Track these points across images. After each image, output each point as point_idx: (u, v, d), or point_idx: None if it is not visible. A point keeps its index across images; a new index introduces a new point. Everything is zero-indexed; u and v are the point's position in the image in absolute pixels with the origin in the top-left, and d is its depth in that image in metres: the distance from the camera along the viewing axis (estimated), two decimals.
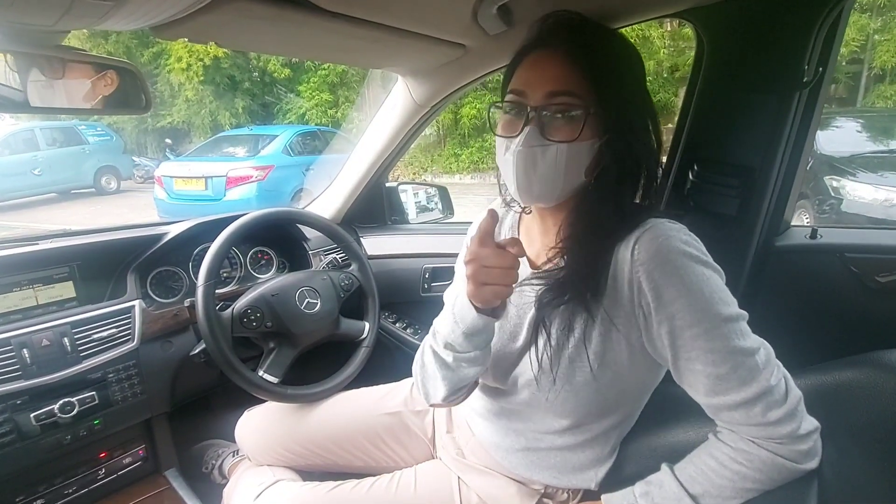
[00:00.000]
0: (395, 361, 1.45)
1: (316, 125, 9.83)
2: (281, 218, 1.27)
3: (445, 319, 0.70)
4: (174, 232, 1.21)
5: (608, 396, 0.69)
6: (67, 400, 0.97)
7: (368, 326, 1.27)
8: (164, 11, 0.65)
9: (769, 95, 0.89)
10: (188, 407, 1.27)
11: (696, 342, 0.59)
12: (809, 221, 4.08)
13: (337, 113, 11.05)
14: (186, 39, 0.78)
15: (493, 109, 0.72)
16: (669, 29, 8.95)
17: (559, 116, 0.64)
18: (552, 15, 0.68)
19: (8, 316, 0.99)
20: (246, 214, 1.17)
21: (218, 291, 1.18)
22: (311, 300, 1.18)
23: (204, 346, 1.06)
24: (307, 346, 1.17)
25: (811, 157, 4.21)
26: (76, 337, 1.01)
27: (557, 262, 0.70)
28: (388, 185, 1.62)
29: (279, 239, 1.44)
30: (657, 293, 0.60)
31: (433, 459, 0.95)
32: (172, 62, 10.80)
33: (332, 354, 1.27)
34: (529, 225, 0.81)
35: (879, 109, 7.78)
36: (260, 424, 1.09)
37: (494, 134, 0.71)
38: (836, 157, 4.21)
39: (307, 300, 1.18)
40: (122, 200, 9.00)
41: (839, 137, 4.52)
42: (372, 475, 0.90)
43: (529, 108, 0.65)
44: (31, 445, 0.95)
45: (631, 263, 0.62)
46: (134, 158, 10.76)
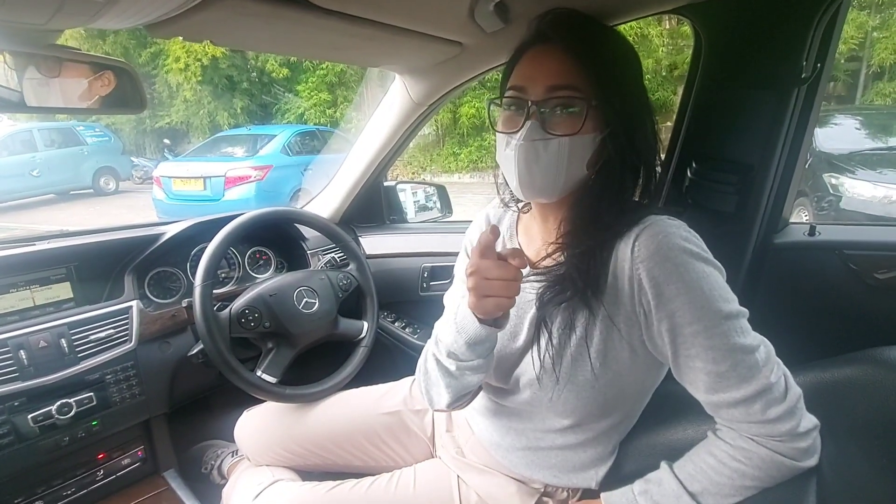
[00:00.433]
0: (393, 361, 1.45)
1: (314, 125, 9.82)
2: (279, 217, 1.27)
3: (447, 328, 0.70)
4: (172, 232, 1.21)
5: (609, 396, 0.69)
6: (65, 401, 0.97)
7: (367, 326, 1.27)
8: (157, 9, 0.64)
9: (767, 92, 0.88)
10: (187, 407, 1.27)
11: (696, 339, 0.59)
12: (809, 219, 4.08)
13: (335, 112, 11.04)
14: (182, 38, 0.78)
15: (492, 107, 0.72)
16: (668, 27, 8.95)
17: (560, 110, 0.64)
18: (551, 11, 0.68)
19: (5, 317, 0.99)
20: (244, 214, 1.16)
21: (216, 292, 1.18)
22: (309, 300, 1.18)
23: (202, 346, 1.06)
24: (306, 345, 1.17)
25: (810, 154, 4.23)
26: (74, 338, 1.01)
27: (557, 258, 0.70)
28: (386, 184, 1.62)
29: (277, 239, 1.43)
30: (658, 290, 0.60)
31: (433, 458, 0.95)
32: (170, 62, 10.79)
33: (330, 354, 1.26)
34: (528, 224, 0.81)
35: (878, 107, 7.79)
36: (259, 424, 1.09)
37: (494, 130, 0.71)
38: (835, 154, 4.22)
39: (305, 300, 1.17)
40: (120, 201, 8.99)
41: (838, 135, 4.52)
42: (371, 475, 0.90)
43: (530, 102, 0.65)
44: (29, 447, 0.94)
45: (631, 261, 0.62)
46: (132, 159, 10.75)
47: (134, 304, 1.11)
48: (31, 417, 0.93)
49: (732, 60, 0.91)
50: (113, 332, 1.06)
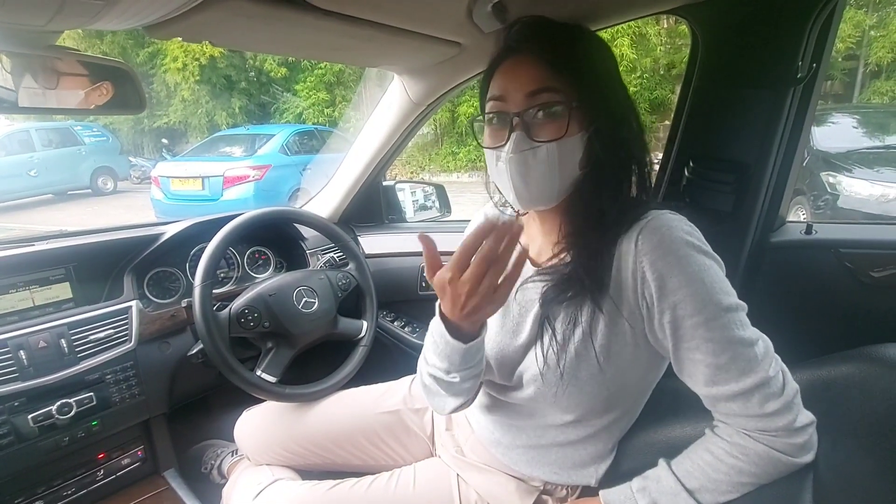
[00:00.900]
0: (393, 360, 1.45)
1: (313, 124, 9.82)
2: (278, 217, 1.27)
3: (435, 350, 0.71)
4: (171, 232, 1.21)
5: (612, 390, 0.70)
6: (65, 401, 0.97)
7: (366, 325, 1.27)
8: (156, 10, 0.65)
9: (764, 92, 0.89)
10: (186, 407, 1.27)
11: (696, 331, 0.60)
12: (806, 217, 4.09)
13: (334, 112, 11.03)
14: (180, 39, 0.78)
15: (475, 124, 0.73)
16: (666, 26, 8.95)
17: (543, 116, 0.64)
18: (517, 22, 0.69)
19: (4, 317, 0.99)
20: (243, 214, 1.16)
21: (215, 291, 1.18)
22: (308, 299, 1.18)
23: (201, 346, 1.06)
24: (305, 345, 1.17)
25: (807, 153, 4.24)
26: (73, 338, 1.01)
27: (563, 258, 0.70)
28: (385, 183, 1.62)
29: (276, 238, 1.43)
30: (661, 283, 0.61)
31: (432, 457, 0.95)
32: (168, 62, 10.77)
33: (330, 354, 1.27)
34: (527, 222, 0.81)
35: (875, 105, 7.80)
36: (259, 424, 1.09)
37: (482, 147, 0.71)
38: (832, 153, 4.22)
39: (305, 300, 1.18)
40: (118, 201, 8.98)
41: (835, 133, 4.53)
42: (371, 474, 0.90)
43: (512, 113, 0.65)
44: (29, 447, 0.95)
45: (634, 254, 0.62)
46: (130, 159, 10.74)
47: (133, 304, 1.11)
48: (31, 418, 0.94)
49: (729, 60, 0.92)
50: (112, 332, 1.06)
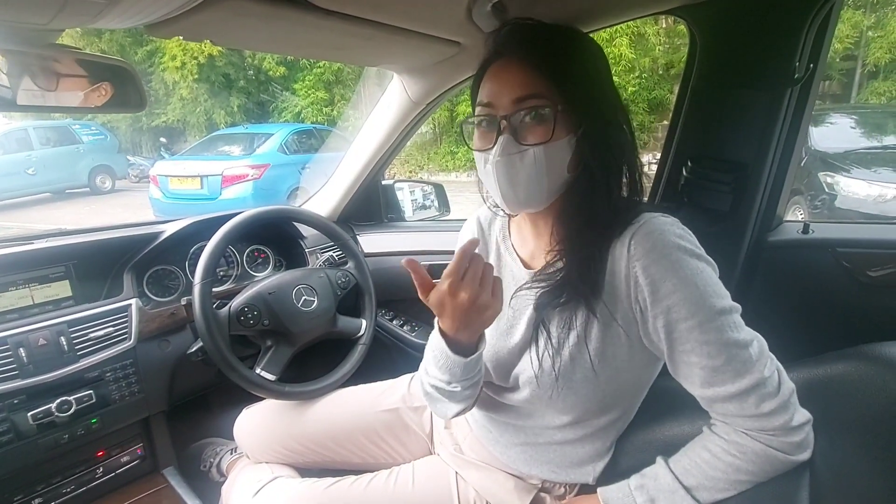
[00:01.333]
0: (392, 358, 1.45)
1: (312, 123, 9.80)
2: (277, 216, 1.27)
3: (436, 364, 0.72)
4: (170, 231, 1.21)
5: (608, 392, 0.70)
6: (65, 399, 0.97)
7: (365, 324, 1.28)
8: (158, 9, 0.65)
9: (761, 92, 0.89)
10: (186, 405, 1.27)
11: (691, 334, 0.60)
12: (804, 217, 4.10)
13: (333, 111, 11.02)
14: (181, 37, 0.78)
15: (465, 126, 0.73)
16: (664, 26, 8.96)
17: (530, 119, 0.65)
18: (506, 24, 0.69)
19: (4, 315, 0.99)
20: (242, 213, 1.17)
21: (215, 290, 1.18)
22: (308, 298, 1.18)
23: (201, 344, 1.06)
24: (304, 343, 1.18)
25: (805, 153, 4.25)
26: (73, 336, 1.01)
27: (556, 262, 0.70)
28: (384, 182, 1.63)
29: (275, 237, 1.43)
30: (653, 287, 0.61)
31: (431, 455, 0.96)
32: (167, 60, 10.74)
33: (329, 352, 1.27)
34: (520, 224, 0.81)
35: (873, 106, 7.80)
36: (258, 422, 1.09)
37: (471, 150, 0.72)
38: (829, 153, 4.23)
39: (304, 298, 1.18)
40: (117, 200, 8.95)
41: (833, 134, 4.53)
42: (370, 472, 0.91)
43: (499, 117, 0.66)
44: (28, 445, 0.95)
45: (627, 259, 0.63)
46: (129, 157, 10.72)
47: (133, 302, 1.11)
48: (30, 415, 0.94)
49: (727, 60, 0.92)
50: (112, 330, 1.06)
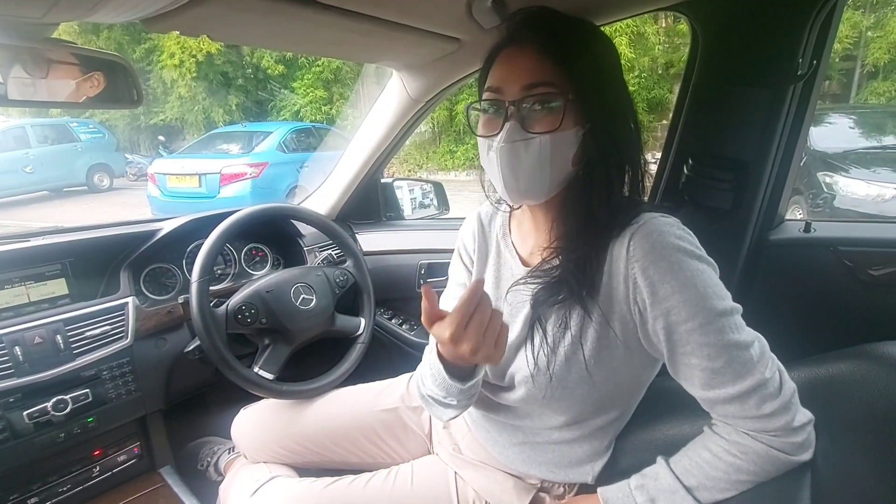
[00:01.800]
0: (391, 358, 1.45)
1: (310, 122, 9.80)
2: (275, 214, 1.26)
3: (434, 382, 0.71)
4: (168, 228, 1.20)
5: (604, 393, 0.70)
6: (61, 398, 0.96)
7: (364, 323, 1.27)
8: (154, 3, 0.64)
9: (764, 89, 0.89)
10: (183, 404, 1.27)
11: (691, 336, 0.59)
12: (803, 217, 4.10)
13: (331, 109, 11.02)
14: (178, 32, 0.77)
15: (470, 111, 0.72)
16: (664, 26, 8.97)
17: (538, 108, 0.63)
18: (520, 11, 0.68)
19: (0, 313, 0.98)
20: (240, 211, 1.16)
21: (212, 288, 1.18)
22: (306, 296, 1.18)
23: (198, 343, 1.06)
24: (302, 342, 1.17)
25: (805, 152, 4.25)
26: (69, 334, 1.00)
27: (552, 261, 0.70)
28: (383, 181, 1.62)
29: (274, 235, 1.43)
30: (653, 289, 0.60)
31: (430, 455, 0.95)
32: (165, 59, 10.72)
33: (327, 351, 1.26)
34: (521, 220, 0.80)
35: (872, 106, 7.82)
36: (256, 421, 1.09)
37: (475, 135, 0.70)
38: (829, 153, 4.24)
39: (302, 296, 1.17)
40: (114, 198, 8.93)
41: (832, 134, 4.54)
42: (368, 471, 0.90)
43: (507, 103, 0.64)
44: (24, 444, 0.94)
45: (626, 260, 0.62)
46: (127, 156, 10.70)
47: (130, 300, 1.10)
48: (26, 414, 0.93)
49: (729, 57, 0.91)
50: (109, 328, 1.05)
